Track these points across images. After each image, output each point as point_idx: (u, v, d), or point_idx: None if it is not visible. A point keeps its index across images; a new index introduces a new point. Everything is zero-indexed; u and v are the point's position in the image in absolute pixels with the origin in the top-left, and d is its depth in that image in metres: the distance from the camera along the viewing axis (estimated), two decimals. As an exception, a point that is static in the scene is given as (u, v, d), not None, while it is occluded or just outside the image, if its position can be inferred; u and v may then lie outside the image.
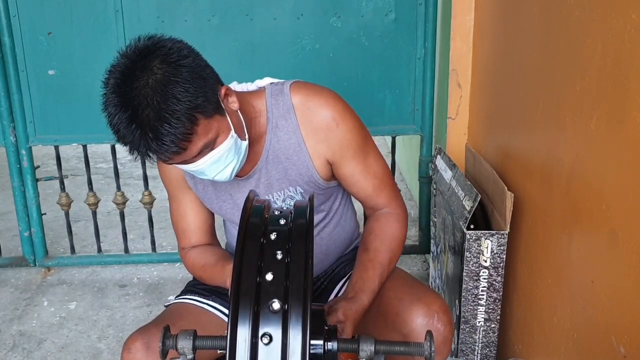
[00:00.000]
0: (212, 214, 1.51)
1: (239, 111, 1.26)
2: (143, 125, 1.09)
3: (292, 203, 1.39)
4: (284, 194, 1.39)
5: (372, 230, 1.41)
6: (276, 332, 0.80)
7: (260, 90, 1.38)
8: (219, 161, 1.22)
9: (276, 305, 0.80)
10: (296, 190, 1.38)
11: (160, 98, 1.08)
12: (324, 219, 1.47)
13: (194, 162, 1.20)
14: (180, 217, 1.48)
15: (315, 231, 1.46)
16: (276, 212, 0.95)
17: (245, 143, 1.27)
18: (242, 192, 1.40)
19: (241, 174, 1.37)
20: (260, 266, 0.85)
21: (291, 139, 1.34)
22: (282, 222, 0.92)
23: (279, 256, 0.86)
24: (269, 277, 0.83)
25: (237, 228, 0.97)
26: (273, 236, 0.89)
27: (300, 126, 1.33)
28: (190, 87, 1.11)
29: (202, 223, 1.49)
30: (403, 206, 1.44)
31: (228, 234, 1.58)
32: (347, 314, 1.23)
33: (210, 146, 1.18)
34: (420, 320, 1.24)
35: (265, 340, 0.79)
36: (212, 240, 1.52)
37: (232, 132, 1.22)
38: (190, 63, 1.14)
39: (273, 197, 1.39)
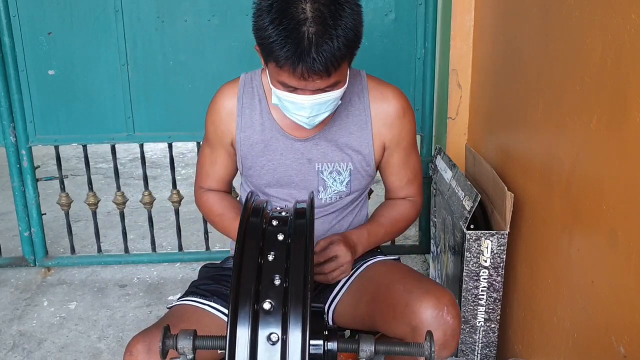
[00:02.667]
0: (234, 175, 1.60)
1: None
2: (309, 35, 1.17)
3: (336, 179, 1.47)
4: (332, 167, 1.46)
5: (386, 204, 1.58)
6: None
7: None
8: (324, 104, 1.29)
9: (277, 281, 0.82)
10: (346, 166, 1.46)
11: (333, 21, 1.19)
12: (345, 208, 1.53)
13: (311, 95, 1.26)
14: (210, 162, 1.56)
15: (334, 218, 1.53)
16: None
17: (340, 102, 1.36)
18: (295, 153, 1.46)
19: (301, 135, 1.44)
20: (261, 255, 0.86)
21: (360, 115, 1.45)
22: (281, 237, 0.92)
23: (280, 237, 0.88)
24: (270, 257, 0.85)
25: (273, 187, 1.39)
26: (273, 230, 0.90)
27: (371, 106, 1.45)
28: (354, 26, 1.22)
29: (227, 176, 1.58)
30: (422, 201, 1.61)
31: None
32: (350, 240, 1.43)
33: (332, 87, 1.26)
34: (430, 312, 1.24)
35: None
36: (229, 191, 1.63)
37: (346, 85, 1.32)
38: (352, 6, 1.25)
39: (321, 167, 1.46)
